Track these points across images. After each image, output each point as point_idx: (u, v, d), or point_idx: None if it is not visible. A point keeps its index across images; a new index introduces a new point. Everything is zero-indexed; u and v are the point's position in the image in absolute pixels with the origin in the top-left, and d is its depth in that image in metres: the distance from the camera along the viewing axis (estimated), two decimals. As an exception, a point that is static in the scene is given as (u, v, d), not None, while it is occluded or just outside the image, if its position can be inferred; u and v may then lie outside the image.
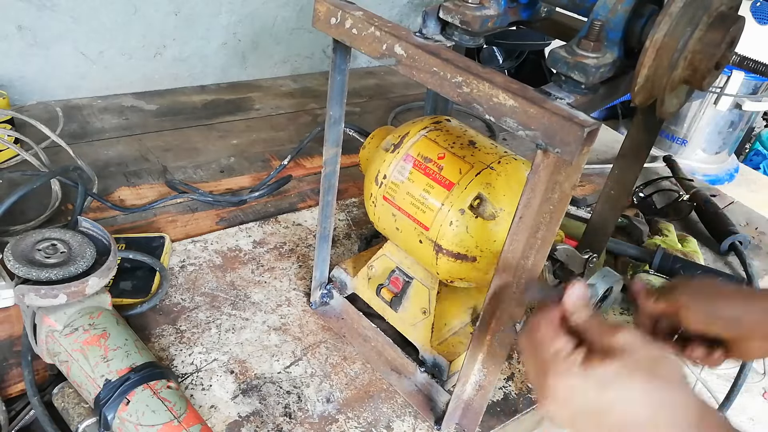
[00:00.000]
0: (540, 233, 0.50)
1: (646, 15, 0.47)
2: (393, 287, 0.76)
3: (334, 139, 0.68)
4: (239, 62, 1.41)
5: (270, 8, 1.37)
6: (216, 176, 1.07)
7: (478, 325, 0.59)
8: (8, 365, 0.68)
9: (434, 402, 0.72)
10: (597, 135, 0.43)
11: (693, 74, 0.45)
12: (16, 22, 1.08)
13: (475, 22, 0.51)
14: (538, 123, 0.44)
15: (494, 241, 0.65)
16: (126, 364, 0.60)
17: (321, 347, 0.77)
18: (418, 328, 0.74)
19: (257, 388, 0.70)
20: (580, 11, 0.51)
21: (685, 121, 1.84)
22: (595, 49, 0.46)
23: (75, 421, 0.59)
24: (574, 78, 0.46)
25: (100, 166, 1.03)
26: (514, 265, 0.53)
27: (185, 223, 0.94)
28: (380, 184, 0.71)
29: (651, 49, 0.44)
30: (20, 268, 0.61)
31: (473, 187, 0.64)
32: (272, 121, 1.30)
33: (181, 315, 0.78)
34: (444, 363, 0.71)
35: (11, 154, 0.98)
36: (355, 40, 0.55)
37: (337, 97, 0.64)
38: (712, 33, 0.44)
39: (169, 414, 0.57)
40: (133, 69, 1.27)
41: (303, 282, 0.86)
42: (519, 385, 0.77)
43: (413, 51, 0.51)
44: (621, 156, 0.67)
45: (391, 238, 0.74)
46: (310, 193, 1.07)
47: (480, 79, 0.47)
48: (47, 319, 0.62)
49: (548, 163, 0.47)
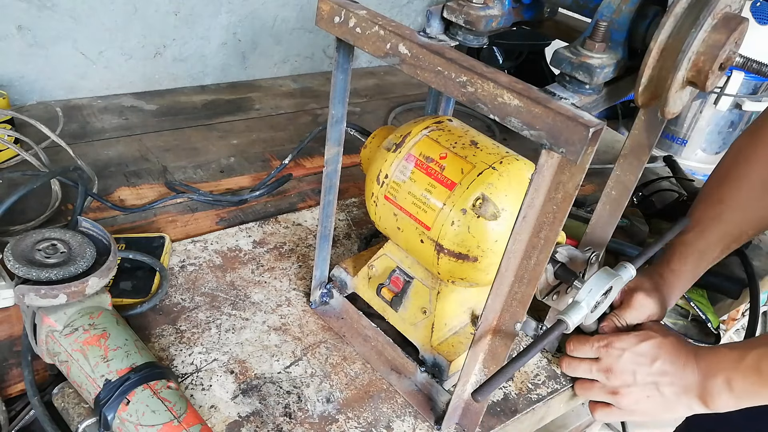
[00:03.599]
0: (543, 233, 0.50)
1: (650, 16, 0.47)
2: (393, 287, 0.76)
3: (336, 137, 0.68)
4: (239, 62, 1.41)
5: (270, 8, 1.37)
6: (216, 176, 1.07)
7: (479, 325, 0.59)
8: (8, 365, 0.68)
9: (434, 402, 0.72)
10: (600, 135, 0.43)
11: (697, 75, 0.45)
12: (16, 22, 1.08)
13: (479, 22, 0.51)
14: (542, 123, 0.44)
15: (495, 241, 0.65)
16: (126, 364, 0.60)
17: (321, 347, 0.77)
18: (418, 327, 0.74)
19: (257, 388, 0.70)
20: (583, 12, 0.51)
21: (685, 121, 1.84)
22: (600, 49, 0.46)
23: (75, 421, 0.59)
24: (578, 78, 0.46)
25: (100, 166, 1.03)
26: (516, 265, 0.53)
27: (185, 223, 0.94)
28: (382, 183, 0.71)
29: (655, 50, 0.44)
30: (20, 268, 0.61)
31: (475, 187, 0.64)
32: (272, 121, 1.29)
33: (181, 315, 0.78)
34: (444, 363, 0.71)
35: (11, 154, 0.98)
36: (358, 39, 0.55)
37: (340, 96, 0.64)
38: (716, 34, 0.44)
39: (169, 414, 0.57)
40: (133, 69, 1.27)
41: (303, 282, 0.86)
42: (519, 385, 0.77)
43: (417, 50, 0.51)
44: (622, 156, 0.67)
45: (392, 237, 0.74)
46: (311, 193, 1.07)
47: (485, 78, 0.47)
48: (47, 319, 0.62)
49: (552, 163, 0.47)
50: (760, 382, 0.64)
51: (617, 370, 0.71)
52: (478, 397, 0.56)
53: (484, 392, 0.55)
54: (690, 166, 1.79)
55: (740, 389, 0.66)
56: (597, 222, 0.73)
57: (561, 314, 0.59)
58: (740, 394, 0.66)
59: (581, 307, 0.59)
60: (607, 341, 0.73)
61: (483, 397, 0.56)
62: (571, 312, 0.58)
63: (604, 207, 0.71)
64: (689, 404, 0.70)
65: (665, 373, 0.70)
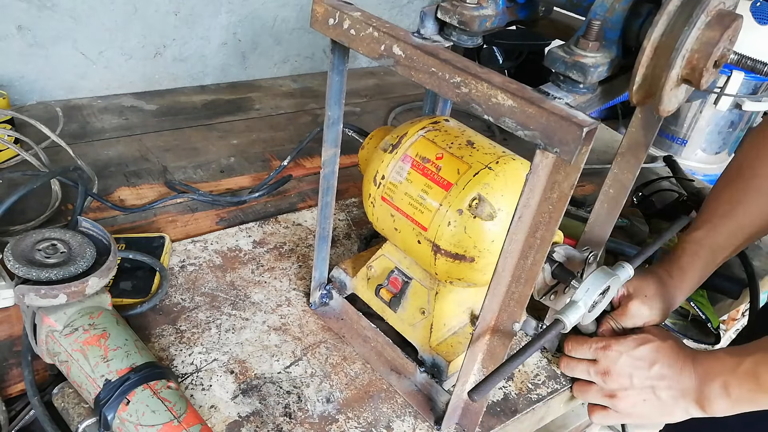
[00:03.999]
0: (539, 233, 0.50)
1: (644, 14, 0.47)
2: (392, 287, 0.76)
3: (333, 139, 0.68)
4: (239, 62, 1.41)
5: (270, 8, 1.37)
6: (216, 176, 1.07)
7: (477, 325, 0.59)
8: (8, 365, 0.68)
9: (434, 402, 0.72)
10: (595, 135, 0.43)
11: (691, 73, 0.45)
12: (16, 22, 1.09)
13: (473, 22, 0.51)
14: (536, 123, 0.44)
15: (492, 241, 0.65)
16: (126, 364, 0.60)
17: (321, 347, 0.77)
18: (417, 328, 0.74)
19: (257, 388, 0.70)
20: (577, 10, 0.51)
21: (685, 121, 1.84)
22: (593, 48, 0.46)
23: (75, 421, 0.59)
24: (572, 77, 0.46)
25: (100, 166, 1.03)
26: (512, 265, 0.54)
27: (185, 223, 0.94)
28: (378, 184, 0.71)
29: (648, 48, 0.44)
30: (20, 268, 0.61)
31: (471, 188, 0.64)
32: (272, 121, 1.30)
33: (181, 315, 0.78)
34: (443, 363, 0.72)
35: (11, 155, 0.98)
36: (353, 41, 0.55)
37: (336, 98, 0.64)
38: (710, 31, 0.44)
39: (169, 414, 0.57)
40: (133, 69, 1.27)
41: (303, 282, 0.86)
42: (519, 385, 0.77)
43: (411, 51, 0.51)
44: (619, 155, 0.67)
45: (390, 238, 0.74)
46: (310, 193, 1.07)
47: (478, 79, 0.47)
48: (47, 319, 0.62)
49: (547, 163, 0.47)
50: (757, 388, 0.64)
51: (614, 373, 0.71)
52: (474, 397, 0.56)
53: (481, 391, 0.56)
54: (690, 166, 1.79)
55: (737, 395, 0.66)
56: (595, 221, 0.73)
57: (558, 314, 0.59)
58: (737, 400, 0.66)
59: (578, 307, 0.59)
60: (605, 343, 0.73)
61: (480, 396, 0.56)
62: (569, 311, 0.59)
63: (602, 206, 0.71)
64: (686, 408, 0.70)
65: (663, 377, 0.70)
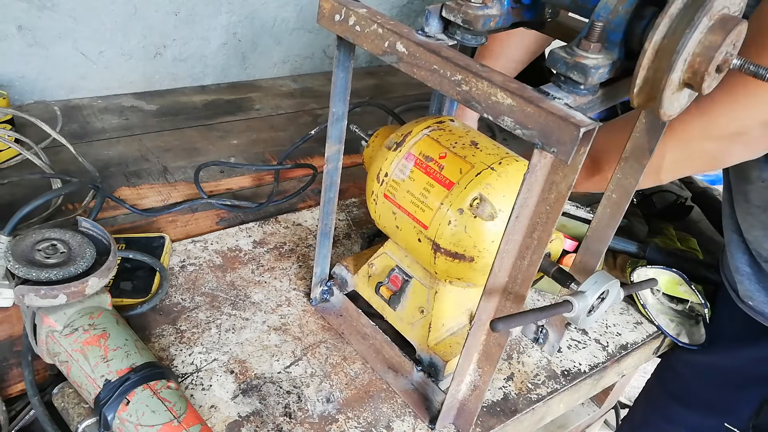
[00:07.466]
0: (536, 233, 0.50)
1: (647, 17, 0.47)
2: (392, 285, 0.76)
3: (337, 135, 0.68)
4: (239, 62, 1.41)
5: (270, 8, 1.37)
6: (216, 176, 1.07)
7: (473, 324, 0.59)
8: (8, 365, 0.68)
9: (430, 401, 0.72)
10: (593, 136, 0.43)
11: (693, 77, 0.45)
12: (16, 22, 1.09)
13: (477, 22, 0.51)
14: (535, 122, 0.44)
15: (492, 241, 0.65)
16: (126, 365, 0.60)
17: (321, 347, 0.77)
18: (415, 327, 0.74)
19: (257, 388, 0.70)
20: (581, 12, 0.51)
21: (686, 121, 1.84)
22: (595, 49, 0.46)
23: (75, 421, 0.59)
24: (573, 78, 0.46)
25: (100, 167, 1.03)
26: (509, 265, 0.54)
27: (185, 223, 0.94)
28: (381, 181, 0.71)
29: (650, 51, 0.44)
30: (20, 268, 0.61)
31: (473, 187, 0.65)
32: (272, 121, 1.30)
33: (181, 315, 0.78)
34: (440, 363, 0.72)
35: (12, 154, 0.98)
36: (358, 37, 0.55)
37: (341, 94, 0.64)
38: (712, 35, 0.44)
39: (169, 414, 0.57)
40: (133, 69, 1.27)
41: (303, 282, 0.86)
42: (519, 385, 0.77)
43: (414, 49, 0.51)
44: (623, 159, 0.67)
45: (391, 236, 0.75)
46: (310, 193, 1.07)
47: (479, 77, 0.47)
48: (47, 320, 0.62)
49: (545, 163, 0.47)
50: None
51: None
52: (498, 326, 0.52)
53: (502, 324, 0.52)
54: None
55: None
56: (597, 225, 0.72)
57: (567, 296, 0.57)
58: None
59: (586, 296, 0.59)
60: None
61: (502, 327, 0.52)
62: (578, 297, 0.58)
63: (604, 210, 0.71)
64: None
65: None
